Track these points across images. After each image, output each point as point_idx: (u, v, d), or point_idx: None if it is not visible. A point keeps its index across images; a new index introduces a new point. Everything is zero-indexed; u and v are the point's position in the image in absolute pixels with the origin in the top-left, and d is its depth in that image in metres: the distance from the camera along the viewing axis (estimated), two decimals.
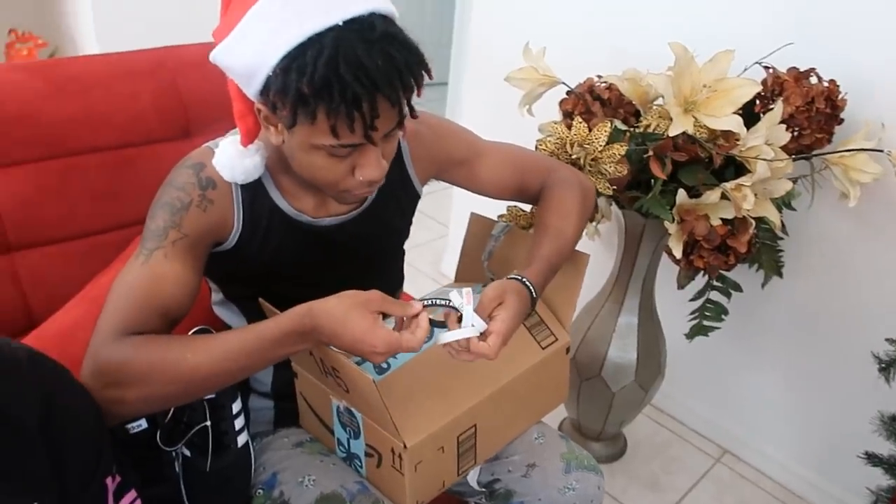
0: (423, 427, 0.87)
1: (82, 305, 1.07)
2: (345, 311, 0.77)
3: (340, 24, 0.71)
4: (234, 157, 0.86)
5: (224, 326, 1.06)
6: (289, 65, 0.71)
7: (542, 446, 1.07)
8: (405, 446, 0.84)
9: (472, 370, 0.90)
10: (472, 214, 1.19)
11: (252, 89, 0.77)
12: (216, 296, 1.04)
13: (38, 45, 2.43)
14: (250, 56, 0.74)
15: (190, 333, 1.07)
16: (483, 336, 0.83)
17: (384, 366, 0.91)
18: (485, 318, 0.84)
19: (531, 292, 0.90)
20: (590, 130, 1.24)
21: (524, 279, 0.91)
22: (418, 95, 0.78)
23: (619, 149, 1.21)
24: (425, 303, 0.83)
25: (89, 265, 1.14)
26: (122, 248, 1.16)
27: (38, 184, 1.10)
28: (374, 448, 0.91)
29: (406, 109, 0.77)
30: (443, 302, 0.84)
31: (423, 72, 0.76)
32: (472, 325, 0.82)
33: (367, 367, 0.90)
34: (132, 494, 0.81)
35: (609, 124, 1.22)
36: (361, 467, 0.96)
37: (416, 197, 1.05)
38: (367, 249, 1.00)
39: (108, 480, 0.78)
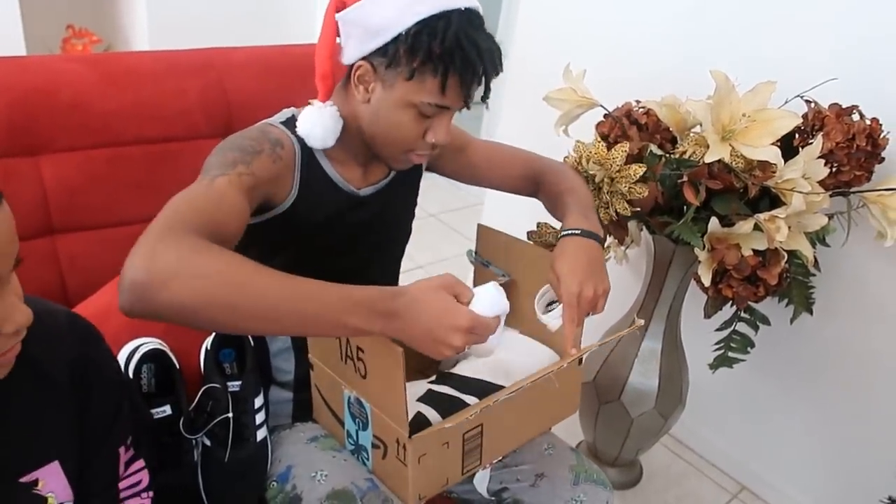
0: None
1: (116, 290, 1.10)
2: (428, 289, 0.77)
3: (462, 9, 0.87)
4: (321, 117, 0.95)
5: None
6: (422, 29, 0.85)
7: (552, 457, 1.07)
8: (410, 437, 0.86)
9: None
10: (480, 226, 1.21)
11: (367, 46, 0.89)
12: None
13: (92, 41, 2.51)
14: (387, 17, 0.86)
15: None
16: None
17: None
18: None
19: (581, 233, 1.00)
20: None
21: (566, 233, 1.01)
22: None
23: (637, 169, 1.21)
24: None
25: (125, 252, 1.17)
26: None
27: (85, 171, 1.14)
28: (380, 439, 0.92)
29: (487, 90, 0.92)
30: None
31: (502, 66, 0.92)
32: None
33: None
34: (140, 464, 0.84)
35: (626, 144, 1.23)
36: (368, 460, 0.97)
37: (420, 173, 1.15)
38: (390, 217, 1.10)
39: (122, 450, 0.80)
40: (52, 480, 0.71)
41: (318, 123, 0.95)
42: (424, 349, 0.77)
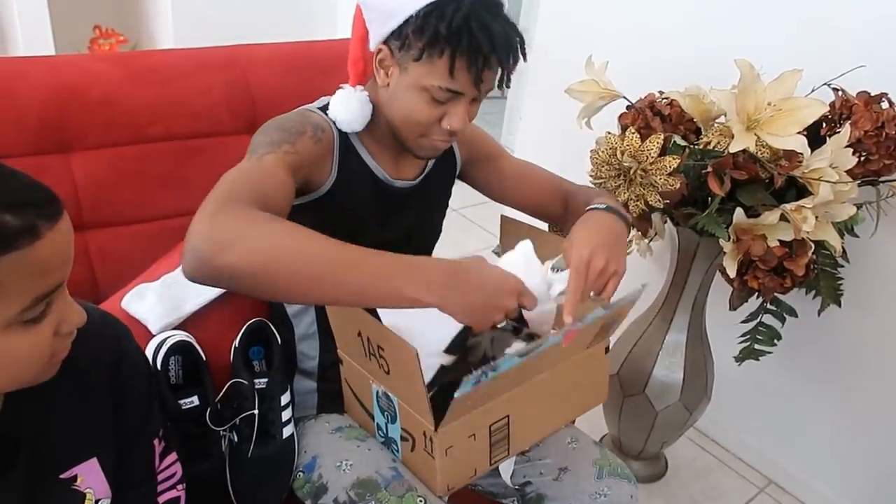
0: (456, 412, 0.88)
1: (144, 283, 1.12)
2: (479, 260, 0.82)
3: None
4: (348, 100, 0.96)
5: (283, 313, 1.10)
6: (431, 10, 0.86)
7: (575, 451, 1.07)
8: (436, 429, 0.86)
9: None
10: (503, 217, 1.21)
11: (385, 28, 0.90)
12: None
13: (119, 41, 2.55)
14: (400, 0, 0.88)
15: (246, 325, 1.11)
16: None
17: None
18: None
19: (607, 209, 0.99)
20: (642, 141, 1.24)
21: (591, 208, 1.01)
22: (511, 72, 0.93)
23: (671, 161, 1.20)
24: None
25: (154, 247, 1.20)
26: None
27: (115, 167, 1.16)
28: (408, 432, 0.93)
29: (505, 77, 0.93)
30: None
31: (523, 54, 0.92)
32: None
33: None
34: (173, 456, 0.86)
35: (661, 136, 1.22)
36: (398, 451, 0.98)
37: (455, 170, 1.15)
38: (422, 215, 1.10)
39: (156, 442, 0.82)
40: (90, 477, 0.73)
41: (344, 106, 0.97)
42: (477, 318, 0.77)
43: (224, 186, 0.78)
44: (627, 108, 1.42)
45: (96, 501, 0.74)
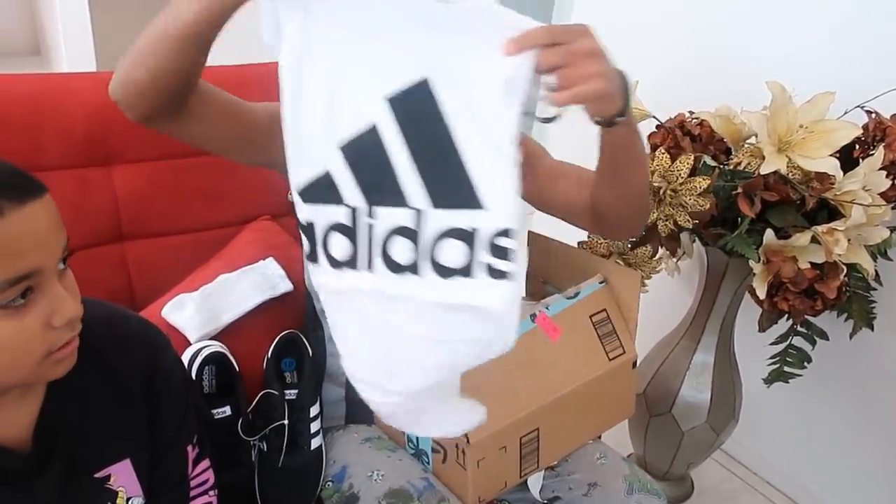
0: (487, 425, 0.89)
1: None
2: None
3: None
4: None
5: (314, 313, 1.12)
6: None
7: (605, 467, 1.07)
8: (468, 441, 0.87)
9: (539, 374, 0.93)
10: (529, 233, 1.21)
11: None
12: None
13: None
14: None
15: (279, 337, 1.12)
16: None
17: None
18: None
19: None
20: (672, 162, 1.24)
21: None
22: None
23: (701, 182, 1.20)
24: None
25: (191, 259, 1.23)
26: (222, 246, 1.24)
27: (153, 181, 1.20)
28: (440, 444, 0.95)
29: None
30: None
31: None
32: None
33: None
34: (206, 463, 0.88)
35: (691, 157, 1.22)
36: (429, 463, 1.00)
37: None
38: None
39: (189, 448, 0.84)
40: (122, 476, 0.76)
41: None
42: None
43: None
44: (657, 127, 1.42)
45: (127, 500, 0.76)
